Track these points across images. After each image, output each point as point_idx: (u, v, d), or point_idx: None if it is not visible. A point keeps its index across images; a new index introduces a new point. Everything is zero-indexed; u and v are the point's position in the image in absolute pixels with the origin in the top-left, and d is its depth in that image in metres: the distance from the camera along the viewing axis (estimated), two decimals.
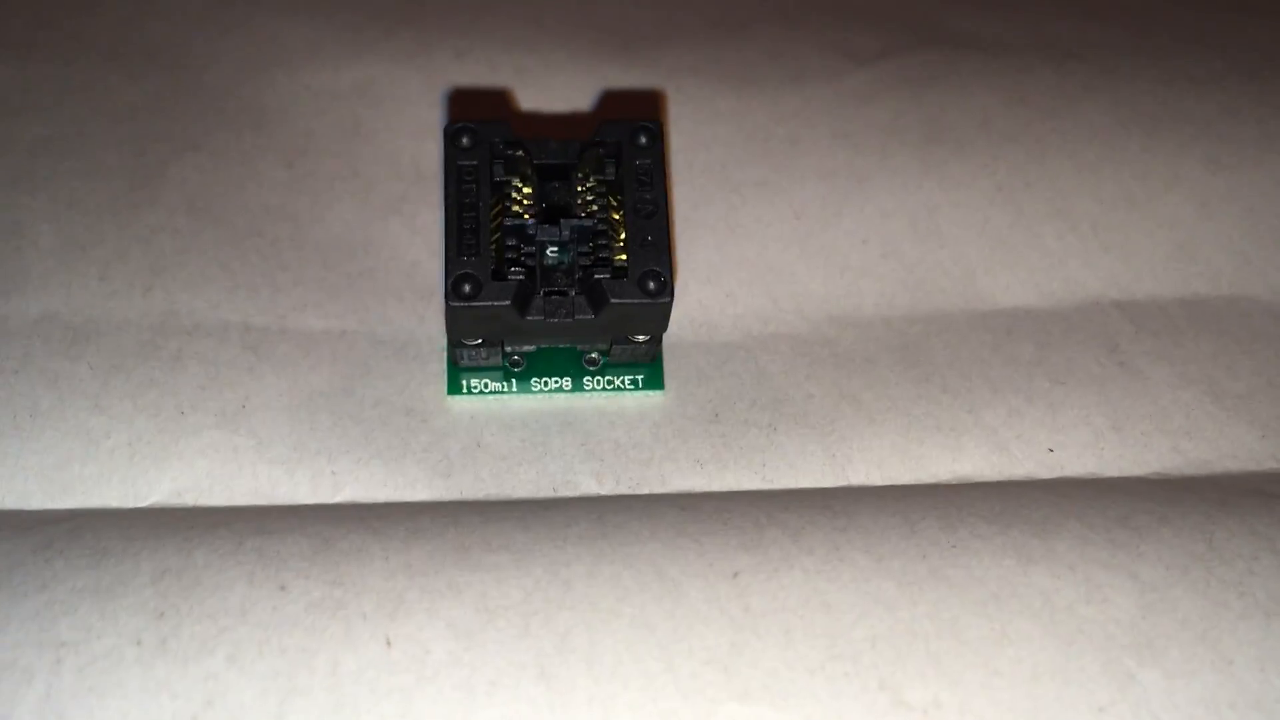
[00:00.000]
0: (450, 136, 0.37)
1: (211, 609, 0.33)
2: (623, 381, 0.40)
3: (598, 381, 0.40)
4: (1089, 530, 0.35)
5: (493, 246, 0.36)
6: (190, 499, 0.37)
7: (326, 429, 0.39)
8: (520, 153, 0.38)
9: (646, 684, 0.31)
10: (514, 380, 0.40)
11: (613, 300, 0.36)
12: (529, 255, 0.37)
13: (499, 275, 0.36)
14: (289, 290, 0.41)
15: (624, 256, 0.37)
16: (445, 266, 0.36)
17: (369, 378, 0.40)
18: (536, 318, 0.37)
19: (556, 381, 0.40)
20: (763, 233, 0.44)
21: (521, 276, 0.36)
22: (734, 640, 0.32)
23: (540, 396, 0.40)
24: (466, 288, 0.36)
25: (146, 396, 0.39)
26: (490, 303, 0.36)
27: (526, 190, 0.38)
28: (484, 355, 0.39)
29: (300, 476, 0.38)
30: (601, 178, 0.38)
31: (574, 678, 0.32)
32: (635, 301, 0.36)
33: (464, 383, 0.40)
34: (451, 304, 0.35)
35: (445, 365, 0.40)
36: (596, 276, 0.36)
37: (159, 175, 0.43)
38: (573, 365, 0.40)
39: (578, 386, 0.40)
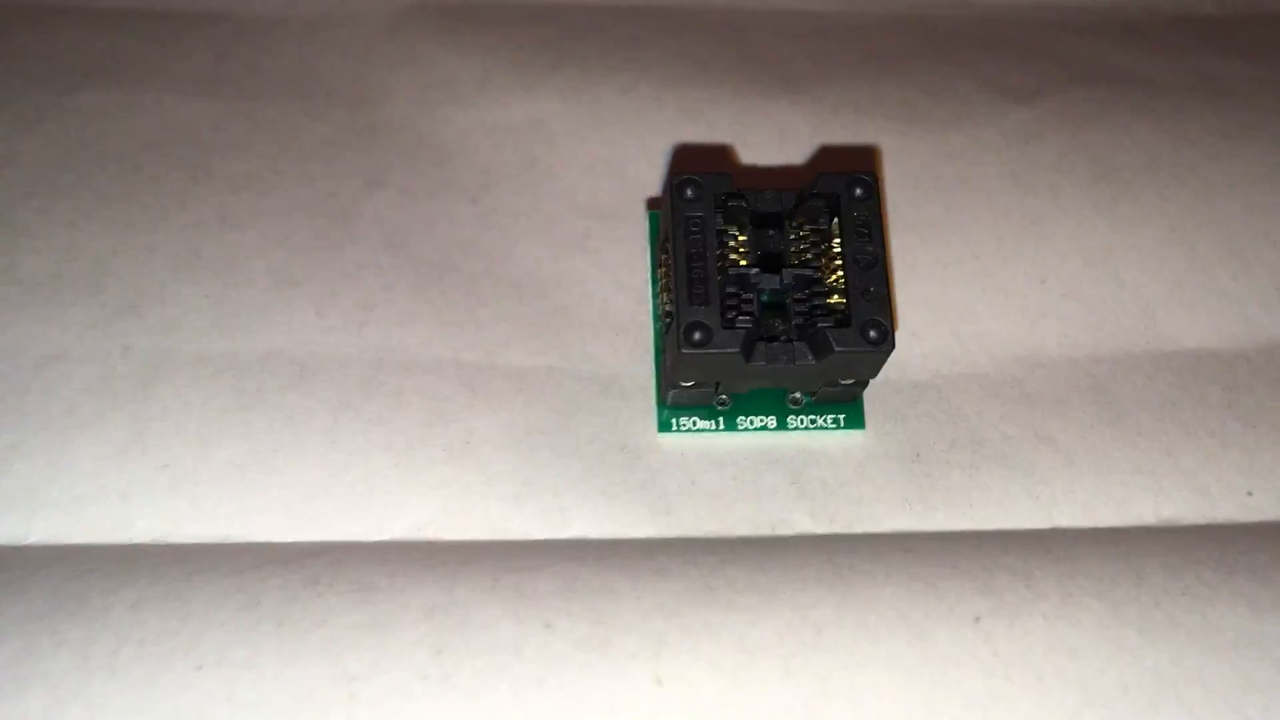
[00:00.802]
0: (677, 188, 0.38)
1: (486, 645, 0.33)
2: (825, 420, 0.41)
3: (801, 420, 0.40)
4: None
5: (718, 295, 0.37)
6: (430, 533, 0.38)
7: (548, 464, 0.40)
8: (740, 203, 0.38)
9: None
10: (721, 419, 0.40)
11: (837, 349, 0.37)
12: (749, 302, 0.37)
13: (726, 322, 0.37)
14: (492, 326, 0.42)
15: (838, 300, 0.38)
16: (677, 313, 0.37)
17: (580, 414, 0.41)
18: (760, 363, 0.37)
19: (762, 420, 0.40)
20: (942, 272, 0.44)
21: (749, 325, 0.37)
22: (988, 685, 0.33)
23: (746, 435, 0.41)
24: (698, 335, 0.37)
25: (377, 432, 0.40)
26: (722, 350, 0.36)
27: (743, 238, 0.38)
28: (695, 395, 0.40)
29: (530, 511, 0.39)
30: (815, 227, 0.38)
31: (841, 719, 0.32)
32: (858, 350, 0.37)
33: (673, 421, 0.40)
34: (684, 351, 0.36)
35: (654, 403, 0.41)
36: (820, 325, 0.37)
37: (354, 212, 0.44)
38: (776, 405, 0.41)
39: (782, 425, 0.41)
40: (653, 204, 0.45)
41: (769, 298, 0.38)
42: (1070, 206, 0.46)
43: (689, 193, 0.38)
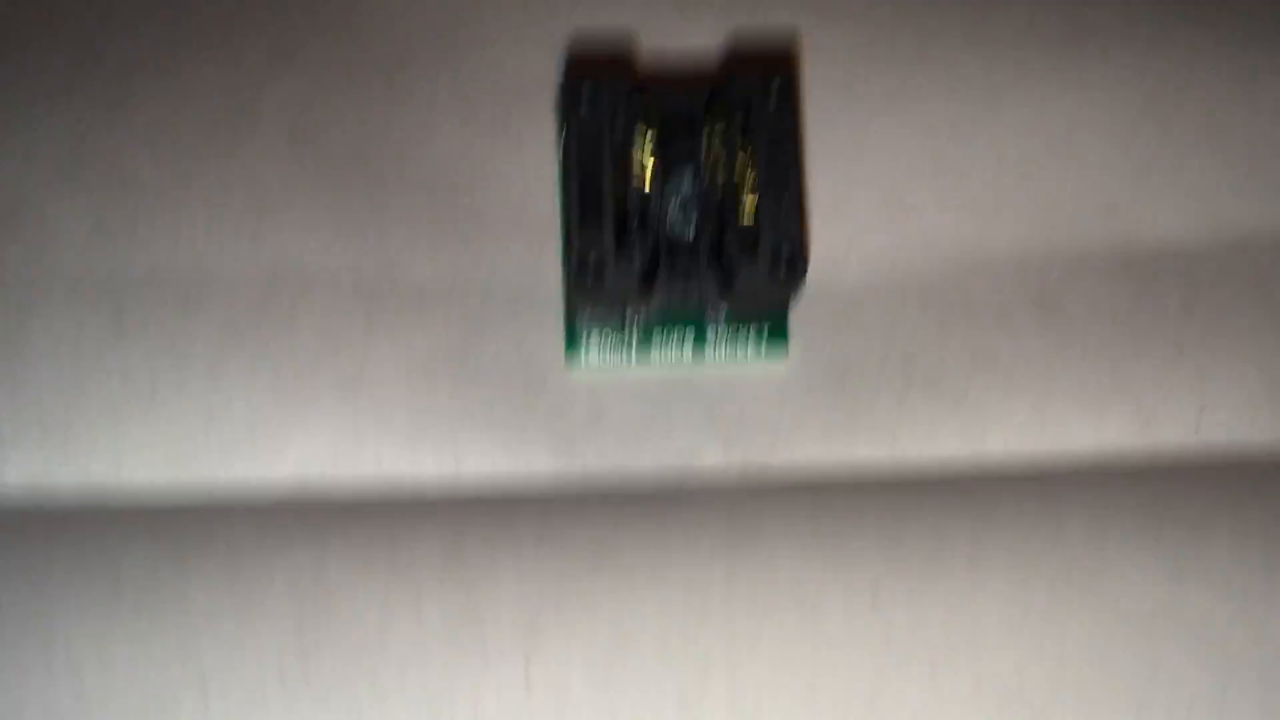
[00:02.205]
0: (567, 92, 0.34)
1: (349, 636, 0.32)
2: (746, 348, 0.38)
3: (720, 349, 0.38)
4: (1243, 542, 0.34)
5: (614, 218, 0.34)
6: (315, 477, 0.37)
7: (446, 396, 0.38)
8: (643, 104, 0.35)
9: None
10: (634, 349, 0.39)
11: (743, 278, 0.34)
12: (649, 225, 0.35)
13: (623, 252, 0.34)
14: (395, 233, 0.40)
15: (748, 220, 0.35)
16: (567, 241, 0.34)
17: (484, 338, 0.38)
18: (661, 295, 0.35)
19: (678, 348, 0.38)
20: (891, 155, 0.41)
21: (647, 253, 0.35)
22: (877, 674, 0.31)
23: (661, 365, 0.39)
24: (592, 268, 0.34)
25: (264, 363, 0.38)
26: (615, 285, 0.34)
27: (646, 146, 0.35)
28: (604, 313, 0.37)
29: (423, 450, 0.38)
30: (727, 132, 0.36)
31: (713, 715, 0.31)
32: (766, 280, 0.34)
33: (583, 350, 0.38)
34: (577, 284, 0.34)
35: (563, 325, 0.39)
36: (726, 250, 0.34)
37: (257, 95, 0.40)
38: (695, 323, 0.39)
39: (699, 351, 0.39)
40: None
41: (674, 217, 0.35)
42: (1036, 76, 0.42)
43: (583, 96, 0.35)
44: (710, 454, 0.37)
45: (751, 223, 0.34)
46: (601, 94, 0.35)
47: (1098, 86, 0.42)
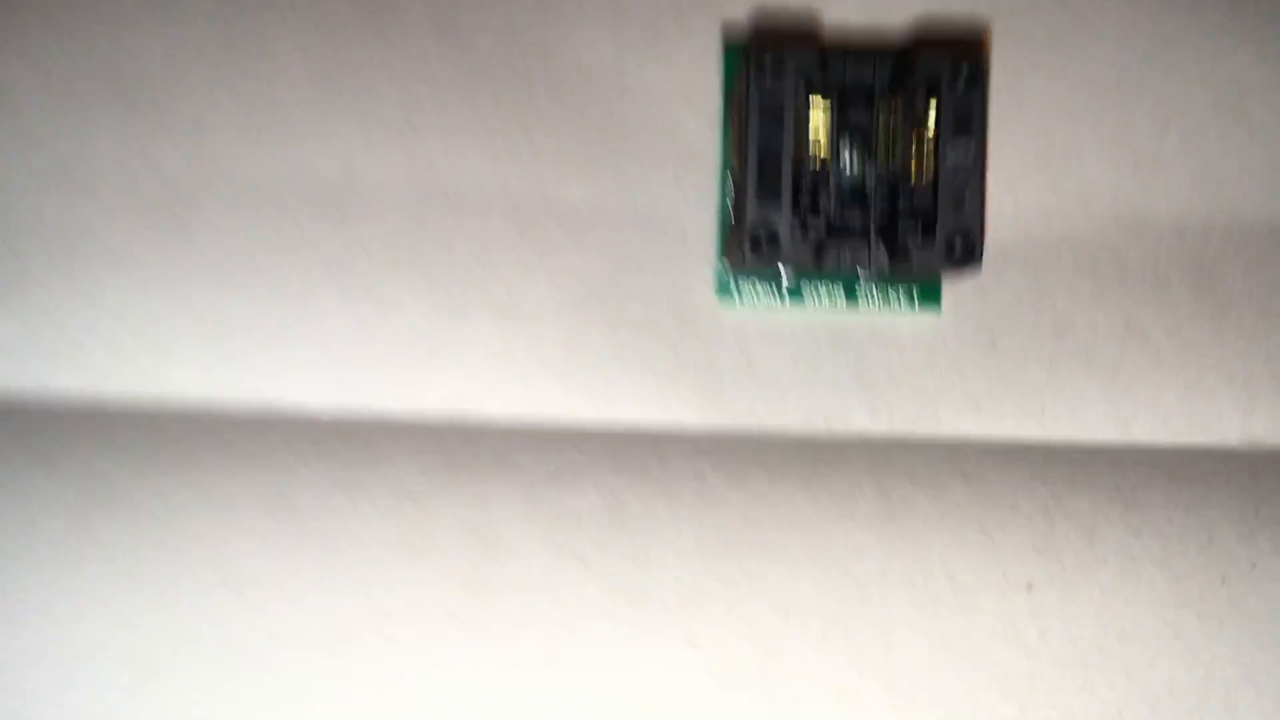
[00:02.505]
0: (755, 65, 0.33)
1: (519, 582, 0.33)
2: (899, 301, 0.38)
3: (873, 299, 0.38)
4: None
5: (794, 191, 0.34)
6: (470, 408, 0.37)
7: (597, 332, 0.38)
8: (825, 74, 0.34)
9: (945, 715, 0.32)
10: (787, 294, 0.38)
11: (917, 263, 0.34)
12: (825, 199, 0.35)
13: (797, 226, 0.34)
14: (546, 148, 0.39)
15: (924, 201, 0.35)
16: (743, 210, 0.34)
17: (636, 270, 0.38)
18: (832, 267, 0.35)
19: (830, 295, 0.38)
20: (1051, 106, 0.39)
21: (822, 230, 0.34)
22: (1030, 673, 0.32)
23: (813, 312, 0.38)
24: (764, 242, 0.34)
25: (421, 284, 0.38)
26: (790, 260, 0.34)
27: (825, 116, 0.35)
28: (762, 273, 0.37)
29: (574, 387, 0.38)
30: (909, 107, 0.35)
31: (872, 701, 0.32)
32: (940, 266, 0.34)
33: (735, 292, 0.38)
34: (750, 255, 0.34)
35: (716, 263, 0.38)
36: (902, 231, 0.34)
37: None
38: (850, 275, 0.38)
39: (851, 300, 0.38)
40: (730, 37, 0.40)
41: (849, 190, 0.35)
42: (1208, 30, 0.40)
43: (768, 69, 0.34)
44: (858, 417, 0.37)
45: (930, 205, 0.34)
46: (786, 64, 0.34)
47: (1273, 45, 0.40)
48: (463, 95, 0.39)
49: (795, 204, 0.34)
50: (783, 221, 0.34)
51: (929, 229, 0.34)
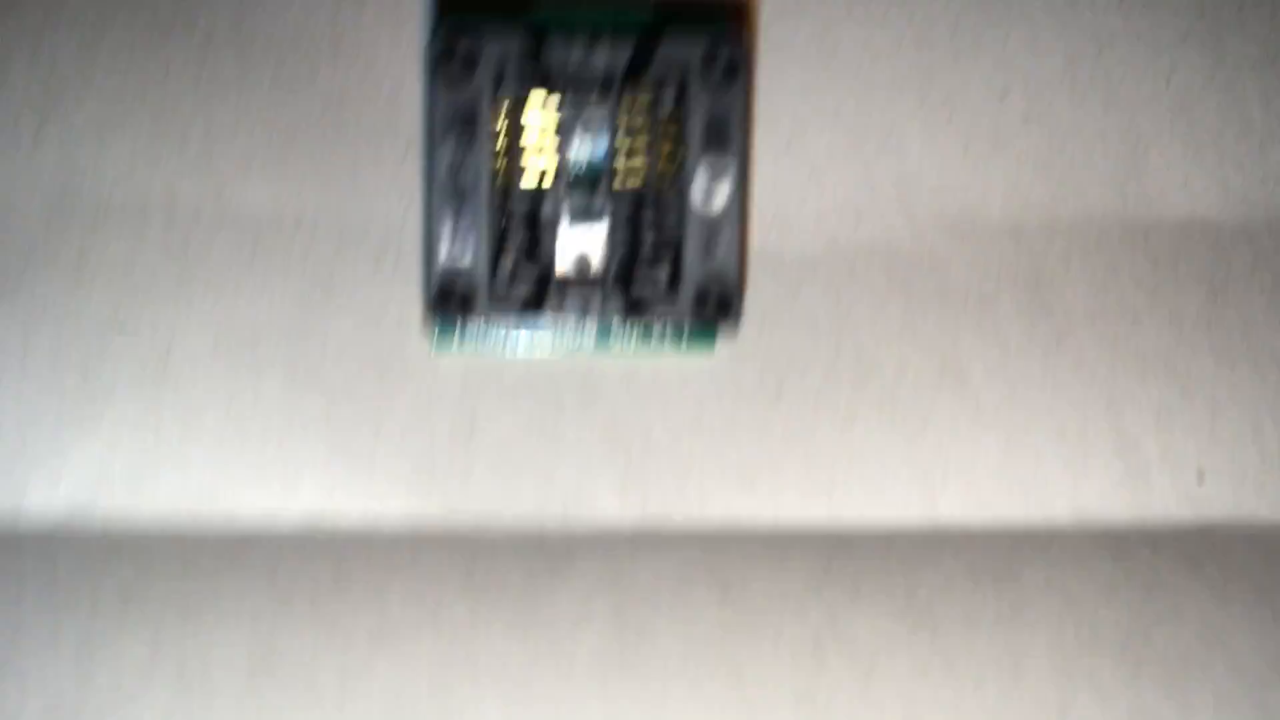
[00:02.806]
0: (437, 57, 0.26)
1: None
2: (664, 337, 0.30)
3: (628, 336, 0.30)
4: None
5: (498, 224, 0.27)
6: (102, 507, 0.29)
7: (275, 393, 0.29)
8: (541, 63, 0.27)
9: None
10: (517, 334, 0.30)
11: (657, 318, 0.28)
12: (539, 237, 0.28)
13: (499, 281, 0.27)
14: (227, 139, 0.30)
15: (669, 232, 0.28)
16: (425, 257, 0.27)
17: (334, 302, 0.30)
18: (549, 316, 0.28)
19: (575, 335, 0.30)
20: (868, 69, 0.31)
21: (532, 285, 0.28)
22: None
23: (550, 356, 0.30)
24: (455, 298, 0.27)
25: (37, 349, 0.29)
26: (485, 322, 0.28)
27: (545, 116, 0.27)
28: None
29: (241, 470, 0.30)
30: (653, 102, 0.28)
31: None
32: (688, 322, 0.29)
33: (453, 333, 0.30)
34: (436, 313, 0.27)
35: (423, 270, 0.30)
36: (637, 280, 0.28)
37: None
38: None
39: (602, 340, 0.30)
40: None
41: (573, 221, 0.28)
42: None
43: (459, 53, 0.26)
44: (604, 502, 0.30)
45: (676, 239, 0.27)
46: (483, 47, 0.26)
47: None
48: (119, 53, 0.30)
49: (498, 243, 0.27)
50: (479, 267, 0.27)
51: (674, 275, 0.27)
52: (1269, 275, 0.32)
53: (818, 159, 0.31)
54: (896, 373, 0.31)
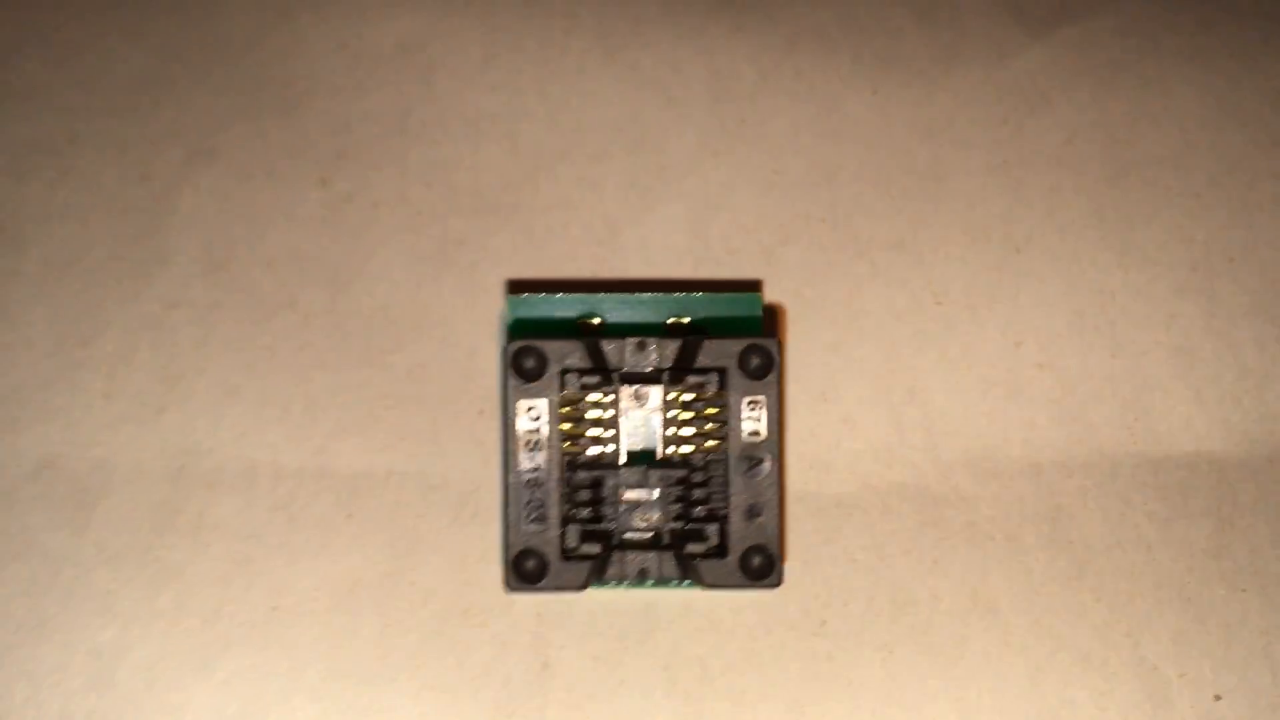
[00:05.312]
0: (513, 360, 0.31)
1: None
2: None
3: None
4: None
5: (566, 502, 0.31)
6: None
7: (370, 636, 0.33)
8: (594, 360, 0.31)
9: None
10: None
11: (707, 582, 0.31)
12: (599, 508, 0.32)
13: (568, 550, 0.31)
14: (325, 407, 0.34)
15: (715, 506, 0.32)
16: (504, 534, 0.31)
17: (420, 551, 0.34)
18: (611, 583, 0.32)
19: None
20: (894, 321, 0.35)
21: (597, 549, 0.31)
22: None
23: (617, 590, 0.34)
24: (530, 566, 0.31)
25: (163, 598, 0.33)
26: (556, 590, 0.31)
27: (600, 404, 0.32)
28: None
29: (340, 711, 0.33)
30: (697, 394, 0.32)
31: None
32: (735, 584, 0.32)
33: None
34: (511, 586, 0.31)
35: (501, 543, 0.33)
36: (689, 549, 0.31)
37: (169, 209, 0.34)
38: None
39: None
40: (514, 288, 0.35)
41: (633, 496, 0.32)
42: (1069, 227, 0.35)
43: (529, 363, 0.31)
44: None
45: (723, 510, 0.31)
46: (549, 362, 0.31)
47: (1139, 250, 0.35)
48: (230, 343, 0.34)
49: (566, 517, 0.31)
50: (550, 541, 0.31)
51: (721, 546, 0.31)
52: (1273, 507, 0.34)
53: (849, 408, 0.35)
54: (930, 604, 0.34)
